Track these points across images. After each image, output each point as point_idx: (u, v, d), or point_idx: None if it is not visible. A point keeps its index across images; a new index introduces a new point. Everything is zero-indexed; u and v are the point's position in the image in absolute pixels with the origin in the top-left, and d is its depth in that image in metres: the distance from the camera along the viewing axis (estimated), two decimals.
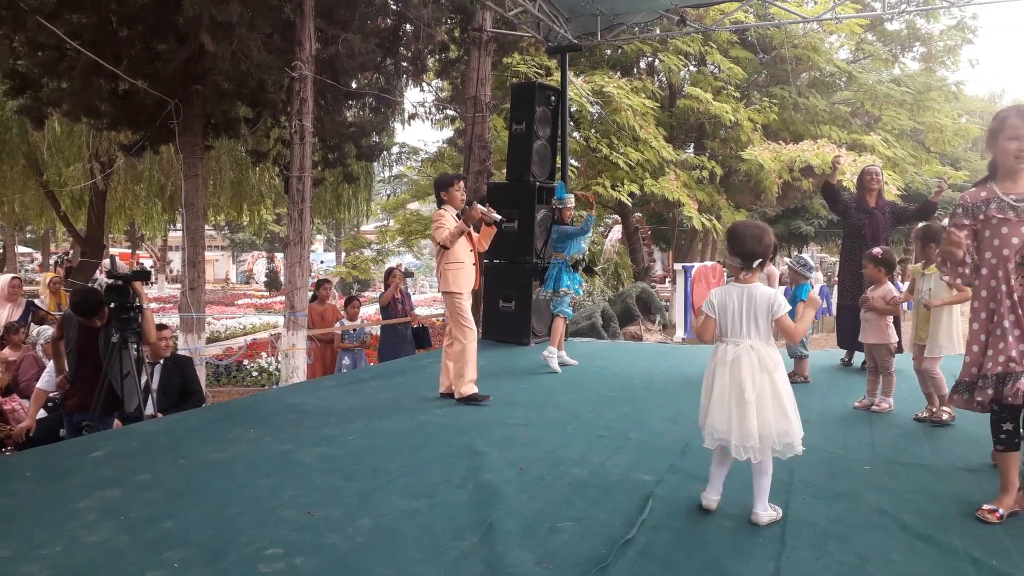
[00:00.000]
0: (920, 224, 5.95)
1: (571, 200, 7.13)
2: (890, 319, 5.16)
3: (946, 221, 3.61)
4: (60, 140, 14.11)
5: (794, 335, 3.25)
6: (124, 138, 11.00)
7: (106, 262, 8.39)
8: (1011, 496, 3.16)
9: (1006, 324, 3.06)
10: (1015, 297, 3.06)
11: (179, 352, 7.32)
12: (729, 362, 3.06)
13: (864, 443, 4.39)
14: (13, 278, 9.15)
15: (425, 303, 23.51)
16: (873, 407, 5.16)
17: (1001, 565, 2.72)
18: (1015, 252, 3.07)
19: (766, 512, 3.11)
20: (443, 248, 5.47)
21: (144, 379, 5.29)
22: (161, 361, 5.98)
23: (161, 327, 6.18)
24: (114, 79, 8.61)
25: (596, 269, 14.88)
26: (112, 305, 5.03)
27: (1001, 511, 3.11)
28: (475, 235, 5.69)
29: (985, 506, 3.16)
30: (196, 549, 2.80)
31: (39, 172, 15.27)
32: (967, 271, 3.24)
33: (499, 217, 5.72)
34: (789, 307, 3.14)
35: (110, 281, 5.11)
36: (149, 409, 5.39)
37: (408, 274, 9.80)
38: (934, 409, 4.85)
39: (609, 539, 2.91)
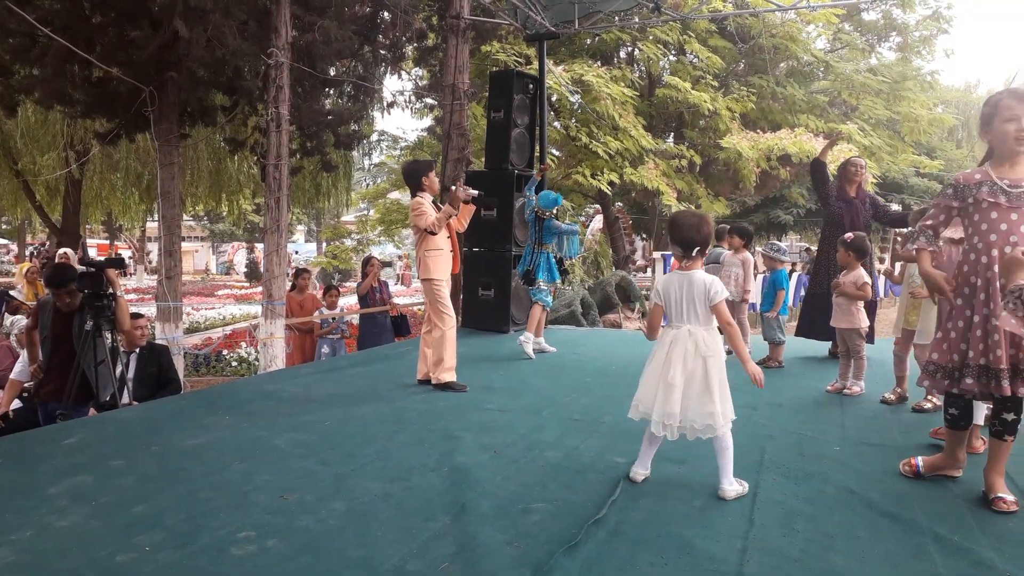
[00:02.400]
0: (917, 208, 5.99)
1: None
2: (861, 304, 5.23)
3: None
4: (34, 128, 13.94)
5: (727, 324, 3.23)
6: (99, 126, 10.88)
7: (68, 252, 8.29)
8: (948, 462, 3.41)
9: (987, 313, 3.01)
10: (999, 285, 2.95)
11: (156, 341, 7.28)
12: (668, 343, 3.23)
13: (835, 425, 4.46)
14: None
15: (406, 292, 23.46)
16: (845, 391, 5.24)
17: (963, 541, 2.78)
18: (1003, 239, 2.98)
19: (731, 487, 3.21)
20: (430, 234, 5.45)
21: (119, 368, 5.26)
22: (137, 350, 5.95)
23: (136, 316, 6.13)
24: (87, 66, 8.52)
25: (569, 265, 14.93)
26: (86, 292, 4.99)
27: (921, 467, 3.45)
28: (453, 218, 5.68)
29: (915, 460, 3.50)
30: (167, 533, 2.80)
31: (13, 161, 15.08)
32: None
33: (476, 192, 5.72)
34: (726, 294, 3.28)
35: (81, 269, 5.08)
36: (125, 398, 5.37)
37: (387, 263, 9.79)
38: (900, 391, 4.94)
39: (580, 519, 2.94)
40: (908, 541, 2.80)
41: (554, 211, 7.03)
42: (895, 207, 6.91)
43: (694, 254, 3.26)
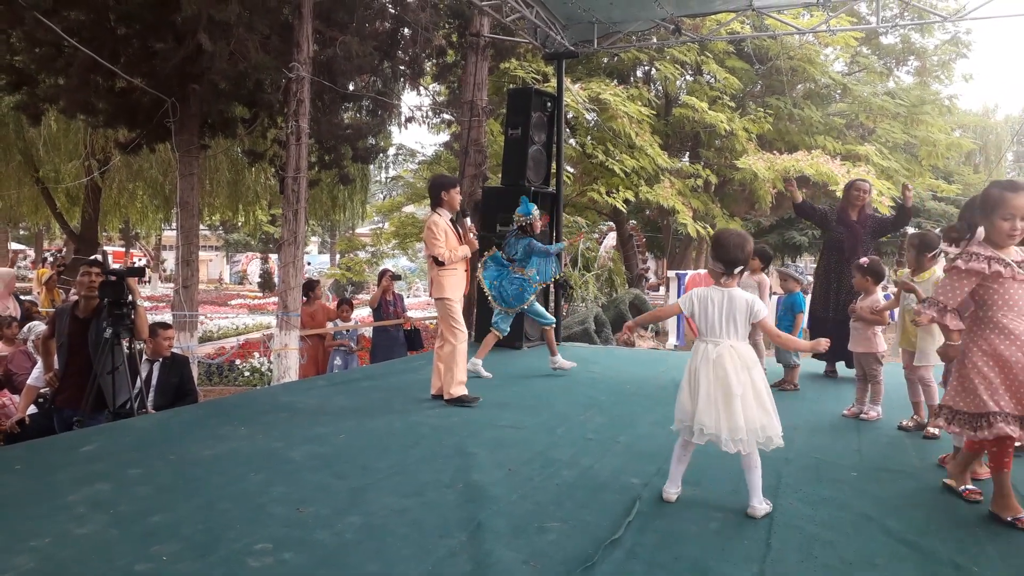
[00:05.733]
0: (914, 231, 5.97)
1: (538, 214, 7.04)
2: (878, 328, 5.20)
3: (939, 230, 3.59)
4: (56, 137, 14.13)
5: (776, 336, 3.43)
6: (121, 136, 11.02)
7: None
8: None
9: None
10: None
11: (174, 351, 7.32)
12: (712, 360, 3.21)
13: (851, 450, 4.43)
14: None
15: (419, 306, 23.50)
16: (861, 415, 5.20)
17: (983, 571, 2.74)
18: None
19: (761, 505, 3.23)
20: (437, 263, 5.51)
21: (140, 376, 5.31)
22: (160, 359, 5.99)
23: (165, 326, 6.19)
24: (111, 77, 8.64)
25: (583, 277, 14.86)
26: (105, 301, 5.04)
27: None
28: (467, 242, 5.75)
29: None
30: (185, 543, 2.81)
31: (35, 169, 15.28)
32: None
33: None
34: (767, 311, 3.34)
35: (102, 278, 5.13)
36: (148, 404, 5.42)
37: (396, 277, 9.83)
38: (917, 418, 4.89)
39: (596, 540, 2.93)
40: (927, 569, 2.77)
41: (536, 219, 6.95)
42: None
43: (736, 272, 3.32)
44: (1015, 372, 3.07)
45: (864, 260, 5.34)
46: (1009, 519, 3.14)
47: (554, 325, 7.20)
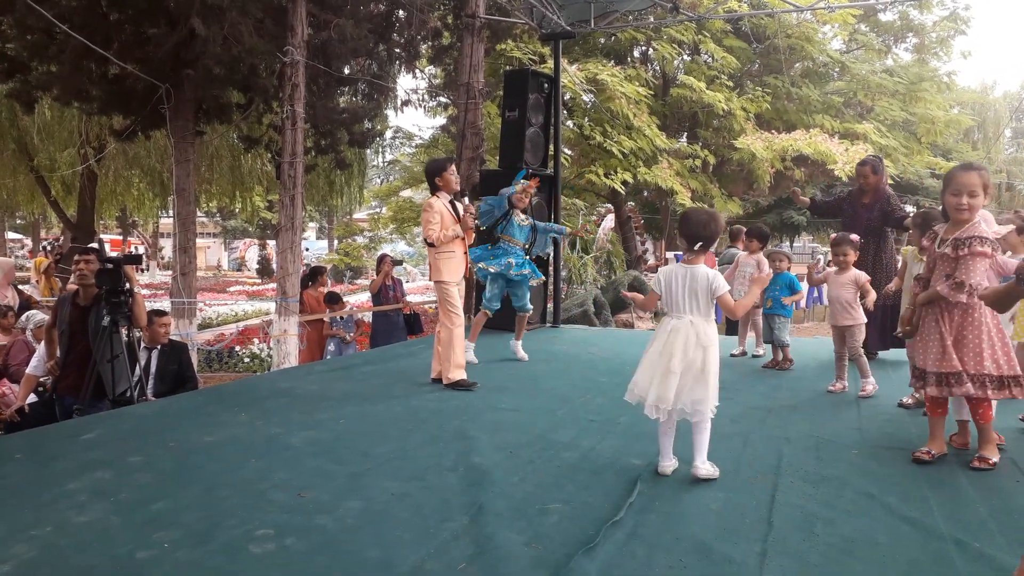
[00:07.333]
0: (916, 210, 5.90)
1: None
2: (857, 300, 5.22)
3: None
4: (50, 125, 14.05)
5: (735, 311, 3.53)
6: (116, 123, 10.95)
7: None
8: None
9: None
10: None
11: (172, 338, 7.32)
12: (668, 332, 3.37)
13: (851, 428, 4.43)
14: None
15: (417, 291, 23.48)
16: (860, 393, 5.20)
17: (984, 547, 2.74)
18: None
19: (704, 465, 3.37)
20: (429, 245, 5.53)
21: (140, 363, 5.29)
22: (158, 347, 5.98)
23: (160, 313, 6.18)
24: (104, 63, 8.56)
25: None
26: (103, 289, 5.02)
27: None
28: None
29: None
30: (186, 530, 2.81)
31: (30, 157, 15.20)
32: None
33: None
34: (728, 287, 3.44)
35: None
36: (148, 392, 5.41)
37: (397, 262, 9.80)
38: (917, 395, 4.88)
39: (598, 521, 2.93)
40: (929, 547, 2.77)
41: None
42: (909, 208, 6.64)
43: (697, 248, 3.41)
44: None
45: (854, 236, 5.34)
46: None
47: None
